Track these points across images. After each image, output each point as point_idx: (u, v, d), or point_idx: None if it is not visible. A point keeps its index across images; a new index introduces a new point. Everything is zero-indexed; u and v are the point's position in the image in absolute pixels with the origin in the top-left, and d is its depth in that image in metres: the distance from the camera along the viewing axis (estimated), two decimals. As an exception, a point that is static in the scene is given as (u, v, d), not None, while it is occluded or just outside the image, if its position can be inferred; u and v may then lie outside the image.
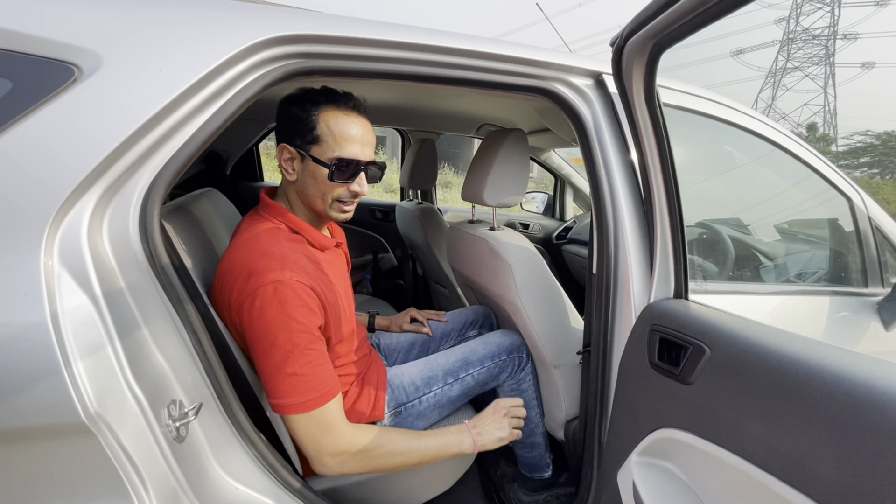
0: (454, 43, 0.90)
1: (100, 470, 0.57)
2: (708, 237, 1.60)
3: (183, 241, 0.94)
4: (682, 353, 0.68)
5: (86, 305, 0.59)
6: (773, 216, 1.90)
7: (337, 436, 0.82)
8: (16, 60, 0.61)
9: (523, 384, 1.29)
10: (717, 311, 0.73)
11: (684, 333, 0.69)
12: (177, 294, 0.69)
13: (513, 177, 1.25)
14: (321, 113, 0.88)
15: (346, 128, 0.88)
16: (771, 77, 32.53)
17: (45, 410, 0.53)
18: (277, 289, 0.77)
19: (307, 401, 0.79)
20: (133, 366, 0.62)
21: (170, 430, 0.66)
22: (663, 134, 0.75)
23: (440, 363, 1.19)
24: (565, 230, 2.71)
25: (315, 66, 0.80)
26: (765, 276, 1.60)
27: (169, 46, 0.68)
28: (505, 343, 1.26)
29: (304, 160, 0.90)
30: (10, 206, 0.57)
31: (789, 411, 0.50)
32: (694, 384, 0.64)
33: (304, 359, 0.78)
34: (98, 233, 0.63)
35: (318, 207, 0.93)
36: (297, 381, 0.78)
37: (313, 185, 0.90)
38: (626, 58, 0.72)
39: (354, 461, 0.84)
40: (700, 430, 0.62)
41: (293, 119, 0.89)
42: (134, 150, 0.65)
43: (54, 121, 0.61)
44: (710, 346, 0.64)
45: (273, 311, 0.76)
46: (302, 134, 0.88)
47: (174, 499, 0.65)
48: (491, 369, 1.21)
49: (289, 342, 0.77)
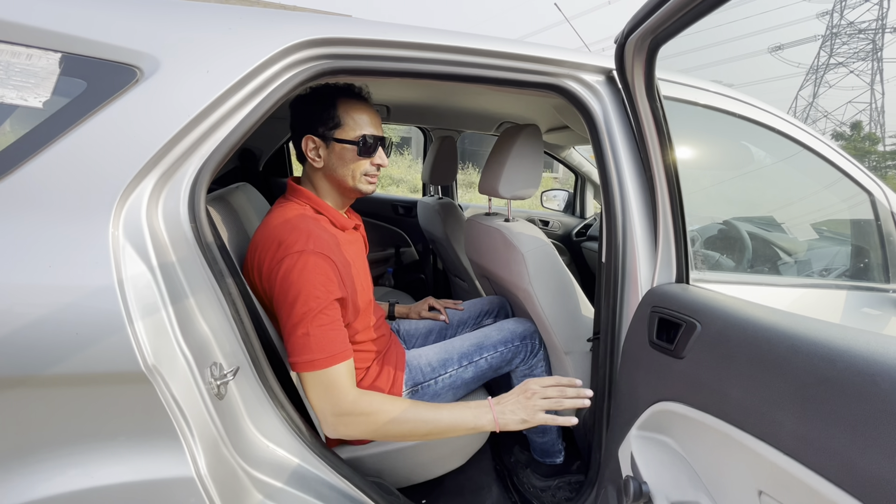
0: (471, 43, 0.96)
1: (154, 414, 0.66)
2: (727, 233, 1.61)
3: (223, 224, 1.04)
4: (677, 331, 0.73)
5: (145, 274, 0.68)
6: (791, 212, 1.88)
7: (341, 396, 0.86)
8: (91, 64, 0.71)
9: (535, 370, 1.34)
10: (712, 292, 0.76)
11: (680, 312, 0.73)
12: (219, 268, 0.78)
13: (526, 170, 1.30)
14: (338, 103, 1.02)
15: (362, 112, 1.03)
16: (812, 74, 31.07)
17: (112, 360, 0.63)
18: (301, 257, 0.87)
19: (315, 360, 0.84)
20: (182, 328, 0.72)
21: (212, 388, 0.75)
22: (664, 126, 0.79)
23: (456, 347, 1.25)
24: (585, 227, 2.73)
25: (342, 66, 0.88)
26: (784, 271, 1.59)
27: (215, 50, 0.77)
28: (518, 330, 1.31)
29: (328, 146, 1.03)
30: (85, 187, 0.67)
31: (760, 372, 0.55)
32: (686, 358, 0.69)
33: (317, 321, 0.86)
34: (154, 212, 0.73)
35: (348, 184, 1.05)
36: (308, 340, 0.85)
37: (341, 165, 1.03)
38: (627, 54, 0.77)
39: (358, 423, 0.87)
40: (690, 400, 0.66)
41: (313, 112, 1.03)
42: (185, 141, 0.75)
43: (121, 116, 0.71)
44: (701, 322, 0.68)
45: (295, 275, 0.86)
46: (324, 122, 1.02)
47: (215, 446, 0.74)
48: (504, 354, 1.27)
49: (305, 305, 0.85)
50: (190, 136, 0.75)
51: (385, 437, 0.90)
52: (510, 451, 1.56)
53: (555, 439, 1.42)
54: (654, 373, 0.78)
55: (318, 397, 0.87)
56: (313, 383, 0.87)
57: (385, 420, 0.88)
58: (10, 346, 0.60)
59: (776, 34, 65.60)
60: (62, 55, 0.71)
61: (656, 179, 0.86)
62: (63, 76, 0.70)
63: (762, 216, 1.80)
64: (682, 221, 0.84)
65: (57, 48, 0.71)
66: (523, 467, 1.49)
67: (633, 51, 0.74)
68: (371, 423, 0.88)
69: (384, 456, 1.11)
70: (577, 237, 2.73)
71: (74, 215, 0.66)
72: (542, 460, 1.45)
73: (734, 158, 1.60)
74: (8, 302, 0.61)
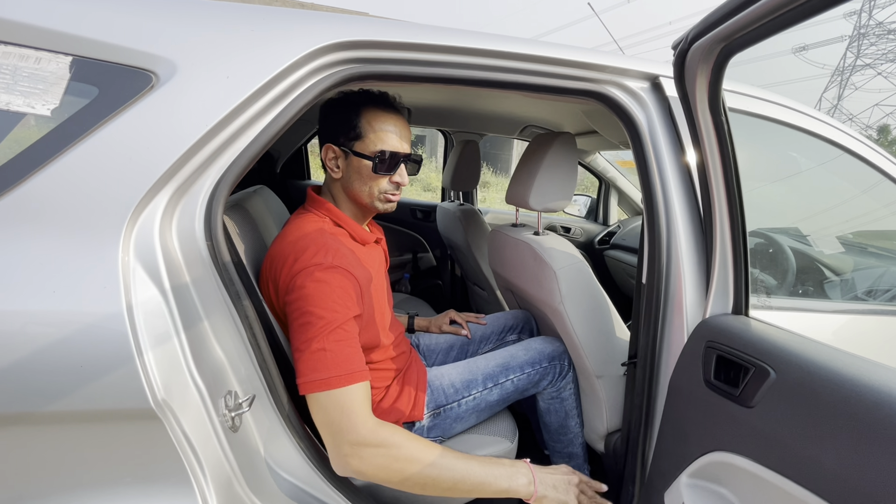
0: (506, 46, 0.89)
1: (163, 454, 0.61)
2: (764, 247, 1.51)
3: (239, 236, 0.99)
4: (743, 374, 0.65)
5: (156, 298, 0.63)
6: (838, 226, 1.77)
7: (359, 421, 0.75)
8: (103, 68, 0.66)
9: (563, 392, 1.26)
10: (783, 331, 0.68)
11: (745, 353, 0.65)
12: (235, 290, 0.73)
13: (560, 181, 1.23)
14: (362, 112, 0.95)
15: (385, 123, 0.95)
16: (838, 75, 30.23)
17: (119, 395, 0.57)
18: (317, 271, 0.81)
19: (331, 377, 0.75)
20: (196, 356, 0.66)
21: (226, 420, 0.69)
22: (727, 140, 0.71)
23: (480, 367, 1.18)
24: (608, 235, 2.63)
25: (369, 70, 0.82)
26: (829, 291, 1.48)
27: (236, 54, 0.71)
28: (546, 350, 1.23)
29: (347, 157, 0.96)
30: (93, 204, 0.62)
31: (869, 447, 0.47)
32: (756, 408, 0.61)
33: (334, 336, 0.77)
34: (168, 230, 0.67)
35: (364, 201, 0.99)
36: (323, 356, 0.76)
37: (358, 179, 0.97)
38: (690, 62, 0.69)
39: (376, 456, 0.75)
40: (761, 457, 0.58)
41: (336, 120, 0.96)
42: (202, 152, 0.69)
43: (134, 125, 0.65)
44: (775, 369, 0.60)
45: (311, 289, 0.79)
46: (345, 132, 0.95)
47: (228, 485, 0.68)
48: (531, 376, 1.20)
49: (321, 319, 0.77)
50: (208, 146, 0.69)
51: (402, 480, 0.76)
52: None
53: (581, 464, 1.35)
54: (712, 417, 0.70)
55: (330, 422, 0.76)
56: (328, 405, 0.75)
57: (407, 457, 0.77)
58: (7, 379, 0.55)
59: (801, 34, 63.84)
60: (73, 59, 0.65)
61: (714, 197, 0.77)
62: (73, 81, 0.65)
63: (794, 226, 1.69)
64: (744, 245, 0.75)
65: (68, 51, 0.65)
66: (545, 490, 1.42)
67: (698, 58, 0.66)
68: (390, 458, 0.77)
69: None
70: (600, 245, 2.64)
71: (82, 234, 0.61)
72: (566, 485, 1.37)
73: (776, 167, 1.50)
74: (6, 329, 0.56)
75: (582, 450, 1.33)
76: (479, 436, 1.16)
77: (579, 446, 1.32)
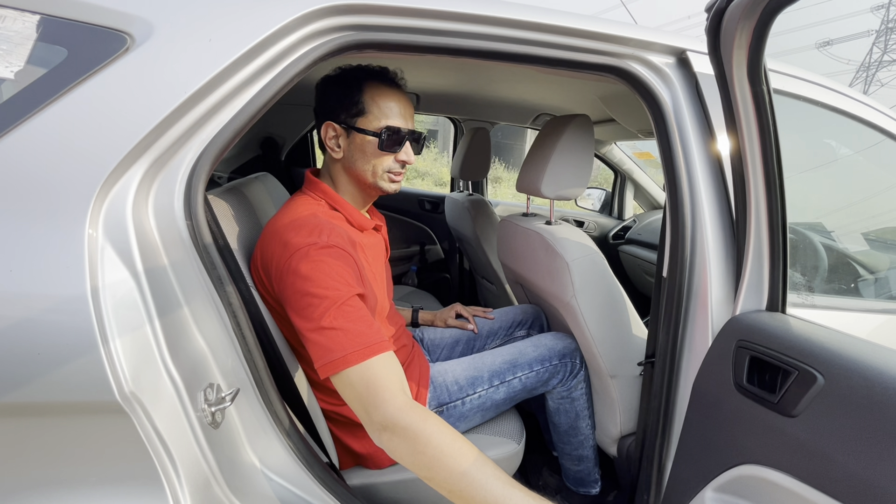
0: (518, 14, 0.81)
1: (132, 452, 0.55)
2: (793, 241, 1.40)
3: (233, 221, 0.93)
4: (782, 378, 0.57)
5: (127, 281, 0.57)
6: (872, 219, 1.65)
7: (386, 397, 0.68)
8: (73, 28, 0.60)
9: (574, 392, 1.19)
10: (831, 331, 0.60)
11: (786, 354, 0.57)
12: (218, 274, 0.67)
13: (574, 166, 1.15)
14: (364, 87, 0.90)
15: (390, 99, 0.91)
16: (863, 71, 29.33)
17: (81, 386, 0.52)
18: (311, 252, 0.76)
19: (346, 355, 0.69)
20: (171, 346, 0.60)
21: (205, 415, 0.63)
22: (768, 115, 0.63)
23: (486, 363, 1.12)
24: (623, 230, 2.54)
25: (368, 39, 0.75)
26: (864, 290, 1.38)
27: (220, 15, 0.65)
28: (557, 347, 1.16)
29: (350, 135, 0.91)
30: (57, 176, 0.56)
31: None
32: (799, 417, 0.53)
33: (341, 312, 0.72)
34: (143, 207, 0.62)
35: (367, 180, 0.94)
36: (335, 335, 0.70)
37: (361, 158, 0.92)
38: (728, 23, 0.60)
39: (400, 446, 0.67)
40: (805, 474, 0.51)
41: (336, 96, 0.91)
42: (182, 122, 0.63)
43: (105, 89, 0.59)
44: (824, 373, 0.52)
45: (307, 270, 0.74)
46: (347, 108, 0.90)
47: (205, 486, 0.63)
48: (540, 374, 1.13)
49: (324, 299, 0.72)
50: (188, 116, 0.63)
51: (427, 477, 0.67)
52: (538, 473, 1.43)
53: (591, 468, 1.28)
54: (743, 425, 0.62)
55: (359, 399, 0.69)
56: (351, 383, 0.69)
57: (433, 455, 0.65)
58: (-43, 366, 0.50)
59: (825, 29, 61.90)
60: (41, 17, 0.60)
61: (750, 182, 0.69)
62: (40, 42, 0.59)
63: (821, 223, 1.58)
64: (784, 237, 0.67)
65: (35, 9, 0.60)
66: (553, 493, 1.35)
67: (737, 18, 0.58)
68: (416, 452, 0.66)
69: (402, 485, 0.99)
70: (615, 240, 2.55)
71: (45, 209, 0.55)
72: (575, 489, 1.31)
73: (814, 154, 1.40)
74: (-41, 312, 0.50)
75: (593, 453, 1.26)
76: (484, 436, 1.09)
77: (590, 449, 1.25)
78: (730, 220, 0.86)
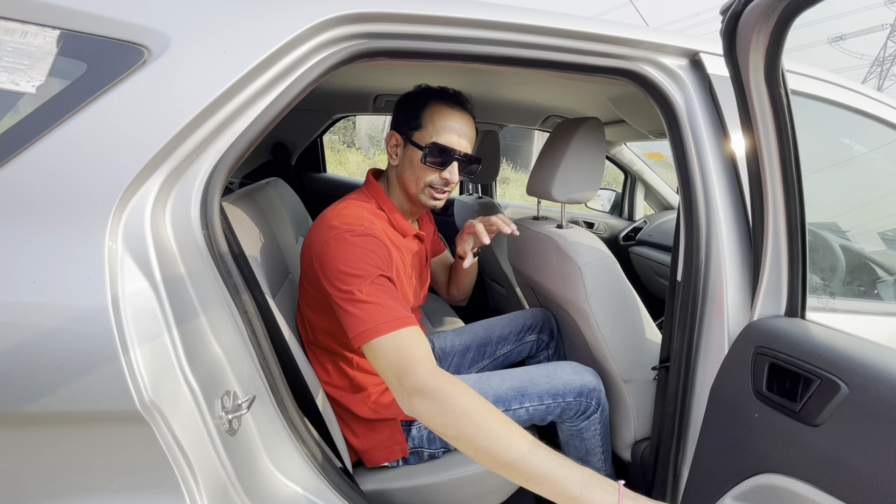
0: (529, 19, 0.81)
1: (151, 459, 0.56)
2: (810, 243, 1.38)
3: (246, 228, 0.94)
4: (803, 386, 0.56)
5: (146, 291, 0.58)
6: (888, 219, 1.62)
7: (417, 363, 0.72)
8: (92, 42, 0.61)
9: (586, 433, 1.11)
10: (854, 338, 0.59)
11: (807, 362, 0.56)
12: (234, 282, 0.67)
13: (586, 169, 1.14)
14: (428, 104, 0.98)
15: (447, 118, 0.97)
16: (878, 66, 28.79)
17: (102, 396, 0.53)
18: (348, 235, 0.84)
19: (377, 325, 0.75)
20: (189, 354, 0.61)
21: (222, 423, 0.64)
22: (786, 118, 0.62)
23: (492, 387, 1.06)
24: (634, 231, 2.52)
25: (380, 46, 0.75)
26: (882, 292, 1.35)
27: (234, 26, 0.66)
28: (574, 383, 1.07)
29: (406, 145, 0.99)
30: (78, 188, 0.57)
31: None
32: (823, 427, 0.52)
33: (374, 287, 0.79)
34: (161, 217, 0.62)
35: (410, 190, 1.00)
36: (366, 307, 0.77)
37: (409, 168, 0.99)
38: (744, 25, 0.60)
39: (431, 406, 0.69)
40: (829, 485, 0.50)
41: (403, 109, 1.00)
42: (198, 133, 0.64)
43: (124, 102, 0.60)
44: (848, 382, 0.51)
45: (342, 252, 0.82)
46: (409, 121, 0.99)
47: (223, 492, 0.63)
48: (550, 408, 1.06)
49: (356, 277, 0.80)
50: (204, 127, 0.64)
51: (456, 437, 0.68)
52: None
53: (608, 475, 1.26)
54: (764, 433, 0.61)
55: (391, 365, 0.73)
56: (384, 351, 0.74)
57: (462, 412, 0.67)
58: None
59: (838, 24, 60.90)
60: (61, 32, 0.61)
61: (767, 185, 0.68)
62: (61, 57, 0.60)
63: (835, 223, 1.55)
64: (803, 240, 0.66)
65: (55, 24, 0.61)
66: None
67: (754, 20, 0.57)
68: (445, 409, 0.68)
69: (415, 491, 0.99)
70: (625, 241, 2.53)
71: (66, 221, 0.56)
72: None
73: (828, 153, 1.37)
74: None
75: (605, 474, 1.18)
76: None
77: (602, 473, 1.17)
78: (745, 224, 0.85)
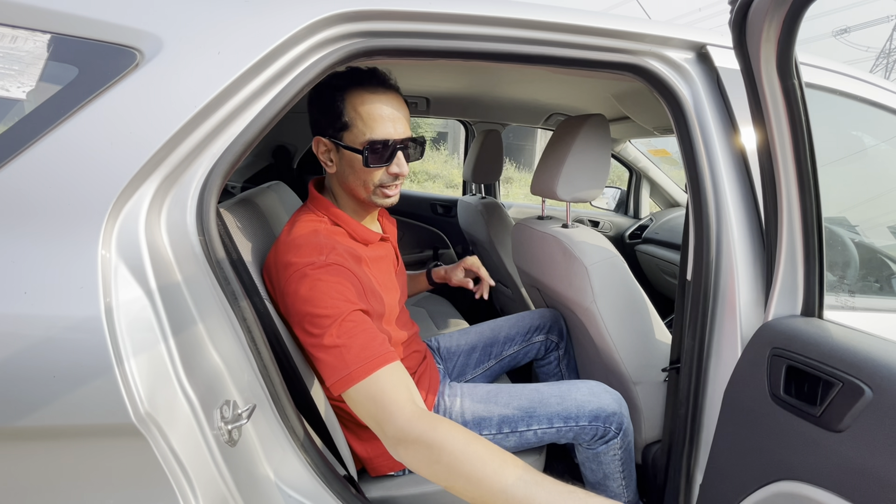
0: (531, 14, 0.79)
1: (148, 472, 0.54)
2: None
3: (246, 233, 0.92)
4: (823, 390, 0.53)
5: (141, 300, 0.56)
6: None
7: (393, 410, 0.66)
8: (83, 46, 0.60)
9: (604, 457, 1.03)
10: (876, 338, 0.56)
11: (828, 364, 0.54)
12: (232, 289, 0.66)
13: (591, 167, 1.12)
14: (346, 96, 0.83)
15: (374, 107, 0.83)
16: (883, 58, 28.51)
17: (94, 409, 0.51)
18: (309, 270, 0.76)
19: (351, 372, 0.69)
20: (186, 365, 0.59)
21: (221, 433, 0.62)
22: (800, 110, 0.59)
23: (500, 404, 1.01)
24: (640, 229, 2.49)
25: (378, 45, 0.73)
26: (897, 288, 1.32)
27: (227, 26, 0.64)
28: (589, 405, 0.98)
29: (339, 150, 0.86)
30: (70, 195, 0.55)
31: None
32: (846, 433, 0.50)
33: (343, 328, 0.72)
34: (156, 224, 0.61)
35: (360, 196, 0.89)
36: (338, 352, 0.70)
37: (352, 173, 0.87)
38: (754, 16, 0.57)
39: (415, 456, 0.64)
40: (856, 496, 0.47)
41: (321, 108, 0.85)
42: (193, 136, 0.62)
43: (116, 107, 0.59)
44: (872, 386, 0.49)
45: (305, 291, 0.75)
46: (332, 122, 0.84)
47: (224, 505, 0.62)
48: (562, 431, 0.99)
49: (325, 318, 0.72)
50: (199, 130, 0.63)
51: (448, 487, 0.63)
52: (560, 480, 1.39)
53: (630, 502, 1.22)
54: (781, 438, 0.59)
55: (370, 416, 0.69)
56: (360, 400, 0.69)
57: (449, 463, 0.61)
58: (-26, 391, 0.49)
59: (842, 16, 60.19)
60: (51, 36, 0.59)
61: (781, 181, 0.66)
62: (51, 61, 0.59)
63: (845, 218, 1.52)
64: (819, 236, 0.63)
65: (45, 28, 0.59)
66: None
67: (765, 11, 0.55)
68: (431, 460, 0.63)
69: (421, 498, 0.97)
70: (631, 239, 2.50)
71: (57, 229, 0.55)
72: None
73: (838, 145, 1.34)
74: (-25, 335, 0.50)
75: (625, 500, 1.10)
76: (503, 446, 1.07)
77: (621, 499, 1.09)
78: (757, 220, 0.83)
